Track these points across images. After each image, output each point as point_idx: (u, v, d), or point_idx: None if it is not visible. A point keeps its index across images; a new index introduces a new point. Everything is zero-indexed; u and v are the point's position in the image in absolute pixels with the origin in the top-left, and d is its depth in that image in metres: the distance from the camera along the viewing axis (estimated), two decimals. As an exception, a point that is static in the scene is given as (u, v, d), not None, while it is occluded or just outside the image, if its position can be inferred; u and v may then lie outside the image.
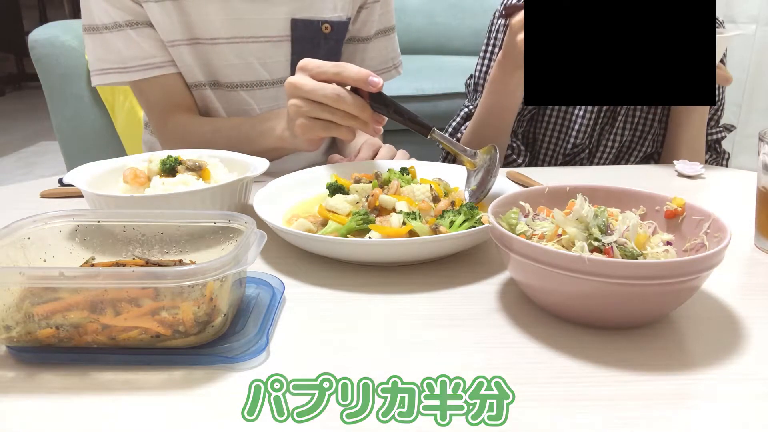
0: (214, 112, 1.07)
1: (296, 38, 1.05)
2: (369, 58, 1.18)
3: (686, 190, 0.92)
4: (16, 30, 5.39)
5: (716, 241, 0.54)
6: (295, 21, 1.04)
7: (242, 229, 0.55)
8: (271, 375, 0.45)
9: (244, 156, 0.84)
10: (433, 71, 2.20)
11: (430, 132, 0.80)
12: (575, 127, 1.13)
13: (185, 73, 1.03)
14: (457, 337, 0.52)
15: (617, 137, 1.15)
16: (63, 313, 0.47)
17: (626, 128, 1.14)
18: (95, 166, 0.79)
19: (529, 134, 1.19)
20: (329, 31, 1.07)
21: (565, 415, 0.43)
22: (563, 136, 1.14)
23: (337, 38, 1.09)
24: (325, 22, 1.06)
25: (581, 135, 1.13)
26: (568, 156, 1.16)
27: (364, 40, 1.16)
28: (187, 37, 1.00)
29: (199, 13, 0.99)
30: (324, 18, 1.06)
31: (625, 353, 0.49)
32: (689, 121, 1.07)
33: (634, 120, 1.14)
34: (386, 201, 0.71)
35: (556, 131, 1.15)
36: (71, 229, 0.57)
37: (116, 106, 1.78)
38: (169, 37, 0.99)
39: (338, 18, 1.08)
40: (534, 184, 0.90)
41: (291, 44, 1.06)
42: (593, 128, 1.14)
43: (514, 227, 0.58)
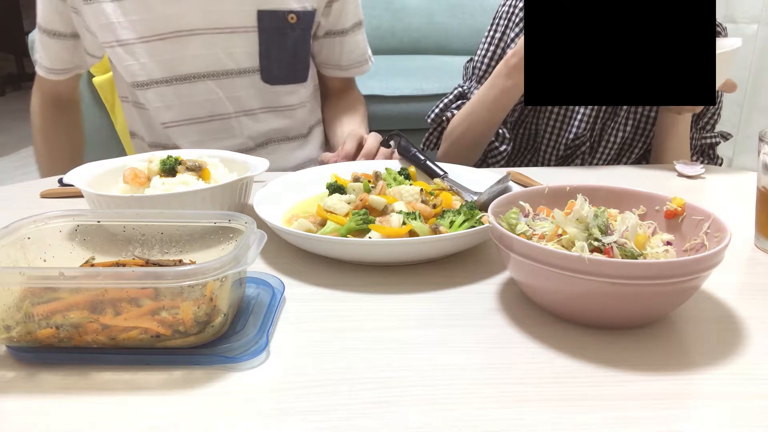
0: (163, 111, 1.10)
1: (263, 29, 1.08)
2: (348, 50, 1.21)
3: (686, 190, 0.92)
4: (16, 30, 5.39)
5: (716, 241, 0.54)
6: (261, 12, 1.07)
7: (242, 229, 0.55)
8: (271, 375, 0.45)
9: (244, 156, 0.84)
10: (433, 71, 2.20)
11: (443, 176, 0.85)
12: (577, 117, 1.13)
13: (133, 72, 1.07)
14: (457, 337, 0.52)
15: (620, 132, 1.14)
16: (63, 313, 0.47)
17: (629, 122, 1.14)
18: (95, 166, 0.79)
19: (531, 125, 1.18)
20: (295, 21, 1.10)
21: (565, 415, 0.43)
22: (566, 126, 1.14)
23: (303, 27, 1.12)
24: (290, 12, 1.09)
25: (583, 125, 1.12)
26: (570, 149, 1.15)
27: (340, 33, 1.19)
28: (148, 34, 1.04)
29: (165, 7, 1.02)
30: (289, 8, 1.09)
31: (625, 353, 0.49)
32: (675, 125, 1.08)
33: (636, 115, 1.14)
34: (376, 201, 0.71)
35: (558, 121, 1.15)
36: (71, 229, 0.57)
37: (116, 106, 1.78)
38: (120, 36, 1.04)
39: (303, 8, 1.11)
40: (534, 184, 0.90)
41: (258, 35, 1.08)
42: (595, 120, 1.13)
43: (514, 227, 0.58)
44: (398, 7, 2.50)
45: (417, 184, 0.79)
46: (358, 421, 0.42)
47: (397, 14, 2.49)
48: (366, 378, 0.47)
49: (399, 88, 2.07)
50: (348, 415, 0.43)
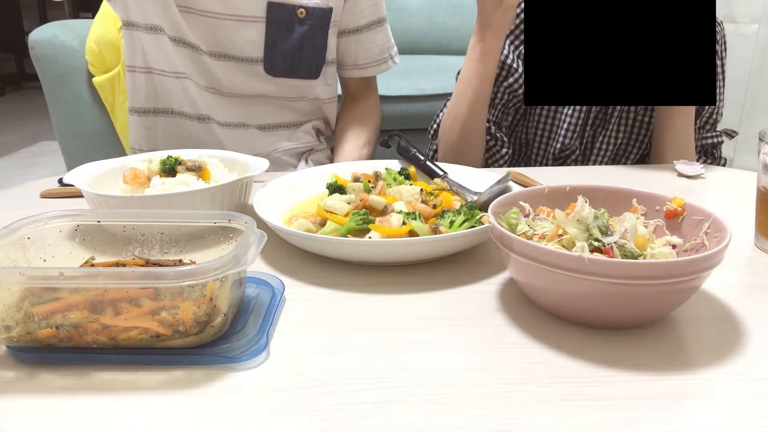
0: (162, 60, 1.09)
1: (270, 20, 1.08)
2: (364, 49, 1.21)
3: (686, 190, 0.92)
4: (16, 30, 5.39)
5: (716, 241, 0.54)
6: (272, 4, 1.07)
7: (242, 229, 0.55)
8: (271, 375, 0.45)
9: (244, 156, 0.84)
10: (433, 71, 2.20)
11: (443, 176, 0.85)
12: (564, 126, 1.12)
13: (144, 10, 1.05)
14: (457, 337, 0.52)
15: (611, 139, 1.13)
16: (63, 313, 0.47)
17: (620, 130, 1.13)
18: (95, 166, 0.79)
19: (521, 134, 1.18)
20: (304, 15, 1.10)
21: (565, 415, 0.43)
22: (553, 135, 1.13)
23: (312, 23, 1.12)
24: (300, 7, 1.09)
25: (570, 135, 1.11)
26: (559, 159, 1.15)
27: (354, 31, 1.19)
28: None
29: None
30: (299, 3, 1.09)
31: (625, 353, 0.49)
32: (672, 121, 1.06)
33: (628, 122, 1.13)
34: (376, 201, 0.71)
35: (546, 131, 1.14)
36: (71, 229, 0.57)
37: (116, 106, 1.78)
38: None
39: (315, 4, 1.10)
40: (534, 184, 0.90)
41: (265, 26, 1.08)
42: (583, 129, 1.13)
43: (514, 227, 0.58)
44: (398, 7, 2.50)
45: (417, 184, 0.79)
46: (358, 421, 0.42)
47: (397, 14, 2.49)
48: (366, 378, 0.47)
49: (399, 88, 2.07)
50: (348, 415, 0.43)
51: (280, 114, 1.18)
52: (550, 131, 1.14)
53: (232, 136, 1.15)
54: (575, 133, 1.12)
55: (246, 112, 1.15)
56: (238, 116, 1.15)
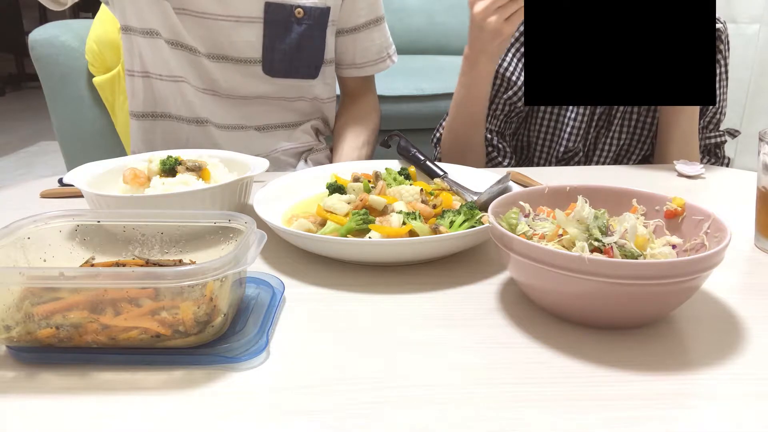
0: (160, 65, 1.09)
1: (268, 21, 1.08)
2: (362, 48, 1.21)
3: (686, 190, 0.92)
4: (16, 30, 5.39)
5: (716, 241, 0.54)
6: (269, 4, 1.07)
7: (242, 229, 0.55)
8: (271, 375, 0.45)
9: (244, 156, 0.84)
10: (433, 71, 2.20)
11: (443, 176, 0.85)
12: (567, 129, 1.12)
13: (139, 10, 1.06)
14: (457, 337, 0.52)
15: (614, 141, 1.14)
16: (63, 313, 0.47)
17: (623, 132, 1.13)
18: (95, 166, 0.79)
19: (523, 137, 1.18)
20: (302, 15, 1.10)
21: (565, 415, 0.43)
22: (556, 139, 1.14)
23: (310, 23, 1.12)
24: (298, 7, 1.09)
25: (573, 138, 1.11)
26: (562, 161, 1.15)
27: (352, 31, 1.19)
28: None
29: None
30: (297, 3, 1.09)
31: (625, 353, 0.49)
32: (676, 122, 1.07)
33: (631, 123, 1.13)
34: (376, 201, 0.71)
35: (549, 134, 1.14)
36: (71, 229, 0.57)
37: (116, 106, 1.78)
38: None
39: (313, 4, 1.10)
40: (534, 184, 0.90)
41: (263, 26, 1.08)
42: (587, 131, 1.13)
43: (514, 227, 0.58)
44: (398, 7, 2.50)
45: (417, 184, 0.79)
46: (357, 421, 0.42)
47: (397, 14, 2.49)
48: (365, 378, 0.47)
49: (399, 88, 2.06)
50: (347, 414, 0.43)
51: (279, 114, 1.18)
52: (553, 134, 1.14)
53: (229, 139, 1.15)
54: (578, 136, 1.12)
55: (244, 113, 1.15)
56: (236, 118, 1.15)
